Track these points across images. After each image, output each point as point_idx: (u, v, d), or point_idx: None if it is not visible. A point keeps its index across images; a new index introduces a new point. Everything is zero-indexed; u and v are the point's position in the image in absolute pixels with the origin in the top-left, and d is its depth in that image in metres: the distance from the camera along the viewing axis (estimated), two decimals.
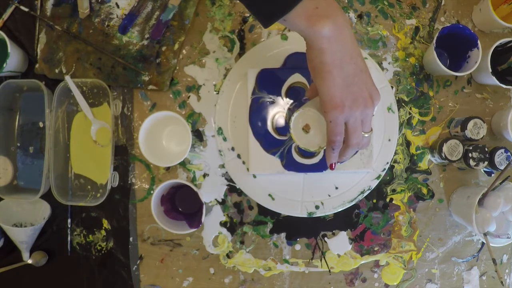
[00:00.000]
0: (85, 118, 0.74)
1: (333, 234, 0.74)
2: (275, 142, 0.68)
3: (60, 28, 0.73)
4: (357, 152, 0.64)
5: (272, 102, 0.68)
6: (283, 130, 0.68)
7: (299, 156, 0.68)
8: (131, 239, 0.74)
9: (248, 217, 0.74)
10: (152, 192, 0.74)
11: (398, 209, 0.74)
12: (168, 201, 0.71)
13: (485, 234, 0.66)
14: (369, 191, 0.71)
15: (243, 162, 0.71)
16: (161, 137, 0.73)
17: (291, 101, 0.68)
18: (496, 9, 0.72)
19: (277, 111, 0.68)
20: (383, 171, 0.71)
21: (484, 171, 0.75)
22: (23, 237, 0.70)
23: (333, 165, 0.53)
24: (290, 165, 0.68)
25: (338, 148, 0.50)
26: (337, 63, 0.45)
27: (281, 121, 0.68)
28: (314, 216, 0.71)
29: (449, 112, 0.75)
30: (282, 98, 0.68)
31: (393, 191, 0.74)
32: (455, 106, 0.75)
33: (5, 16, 0.75)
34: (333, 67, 0.45)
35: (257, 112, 0.68)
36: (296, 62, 0.71)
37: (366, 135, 0.50)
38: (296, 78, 0.68)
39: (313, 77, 0.47)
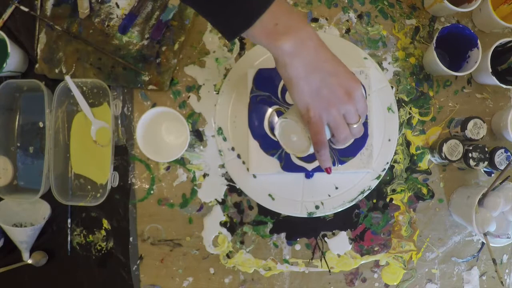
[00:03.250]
0: (85, 118, 0.74)
1: (333, 234, 0.74)
2: (273, 144, 0.68)
3: (60, 28, 0.73)
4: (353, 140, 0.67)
5: (269, 102, 0.68)
6: None
7: (298, 158, 0.68)
8: (131, 239, 0.74)
9: (248, 217, 0.74)
10: (152, 192, 0.74)
11: (398, 209, 0.74)
12: None
13: (485, 234, 0.66)
14: (369, 191, 0.71)
15: (243, 162, 0.71)
16: (160, 133, 0.73)
17: (288, 103, 0.68)
18: (496, 9, 0.72)
19: (273, 110, 0.68)
20: (383, 171, 0.71)
21: (484, 171, 0.75)
22: (23, 237, 0.70)
23: (329, 170, 0.55)
24: (288, 167, 0.68)
25: (324, 149, 0.51)
26: (301, 76, 0.47)
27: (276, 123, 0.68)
28: (314, 216, 0.71)
29: (449, 112, 0.75)
30: (278, 97, 0.68)
31: (393, 191, 0.74)
32: (455, 106, 0.75)
33: (5, 16, 0.75)
34: (299, 79, 0.47)
35: (255, 112, 0.68)
36: None
37: (354, 126, 0.51)
38: None
39: (287, 89, 0.50)
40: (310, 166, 0.68)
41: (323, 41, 0.48)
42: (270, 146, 0.68)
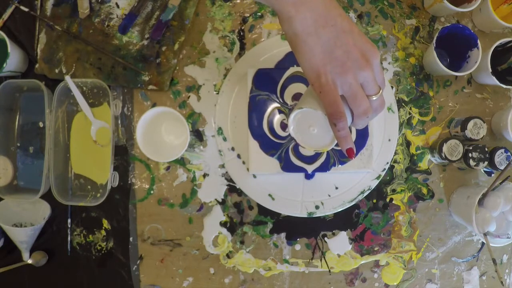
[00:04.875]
0: (85, 118, 0.74)
1: (333, 234, 0.74)
2: (272, 144, 0.68)
3: (60, 28, 0.73)
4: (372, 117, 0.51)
5: (268, 101, 0.68)
6: (278, 133, 0.68)
7: (297, 159, 0.68)
8: (131, 239, 0.74)
9: (248, 217, 0.74)
10: (152, 192, 0.74)
11: (398, 209, 0.74)
12: None
13: (485, 234, 0.66)
14: (369, 191, 0.71)
15: (243, 162, 0.71)
16: (160, 133, 0.73)
17: (287, 102, 0.68)
18: (496, 9, 0.72)
19: (272, 109, 0.68)
20: (383, 171, 0.71)
21: (484, 171, 0.75)
22: (23, 237, 0.70)
23: (352, 152, 0.46)
24: (288, 167, 0.68)
25: (342, 121, 0.43)
26: (310, 31, 0.41)
27: (275, 124, 0.68)
28: (314, 216, 0.71)
29: (449, 112, 0.75)
30: (277, 97, 0.68)
31: (393, 191, 0.74)
32: (455, 106, 0.75)
33: (5, 16, 0.75)
34: (307, 35, 0.41)
35: (255, 112, 0.68)
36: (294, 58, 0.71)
37: (374, 98, 0.44)
38: (293, 69, 0.68)
39: (292, 50, 0.44)
40: (310, 168, 0.68)
41: None
42: (270, 146, 0.68)
